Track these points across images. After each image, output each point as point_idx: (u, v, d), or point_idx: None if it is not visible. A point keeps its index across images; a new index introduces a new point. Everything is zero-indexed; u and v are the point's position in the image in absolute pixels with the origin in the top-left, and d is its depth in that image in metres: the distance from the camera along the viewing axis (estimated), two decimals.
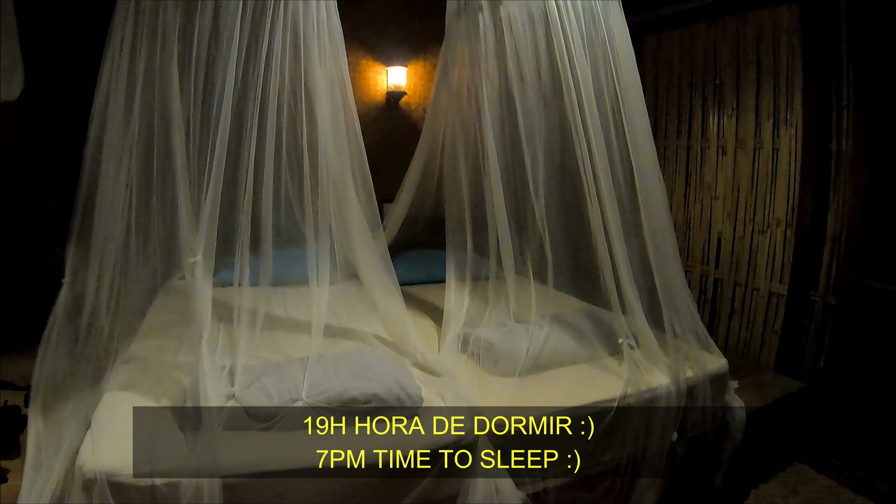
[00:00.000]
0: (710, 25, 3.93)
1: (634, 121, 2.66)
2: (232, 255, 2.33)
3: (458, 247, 3.08)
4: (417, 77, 4.66)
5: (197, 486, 1.68)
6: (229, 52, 2.11)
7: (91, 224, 2.15)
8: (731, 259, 3.84)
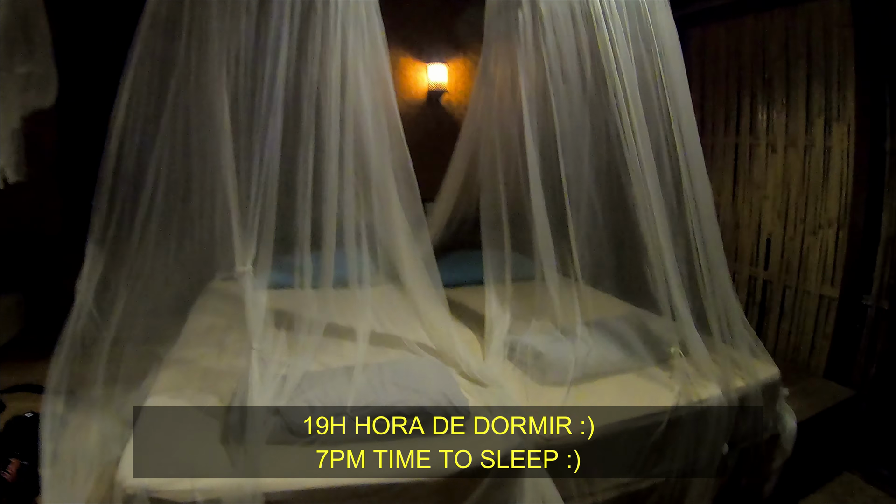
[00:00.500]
0: (758, 18, 3.82)
1: (681, 118, 2.61)
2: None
3: (495, 247, 3.04)
4: (458, 74, 4.61)
5: (239, 501, 1.67)
6: (276, 52, 2.11)
7: (114, 225, 2.18)
8: (780, 260, 3.74)
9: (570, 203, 2.74)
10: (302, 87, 2.26)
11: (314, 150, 2.25)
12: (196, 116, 2.17)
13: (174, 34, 2.11)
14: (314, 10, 2.19)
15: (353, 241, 2.38)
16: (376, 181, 2.39)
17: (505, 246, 3.01)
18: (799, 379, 3.21)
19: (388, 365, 2.30)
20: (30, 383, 2.92)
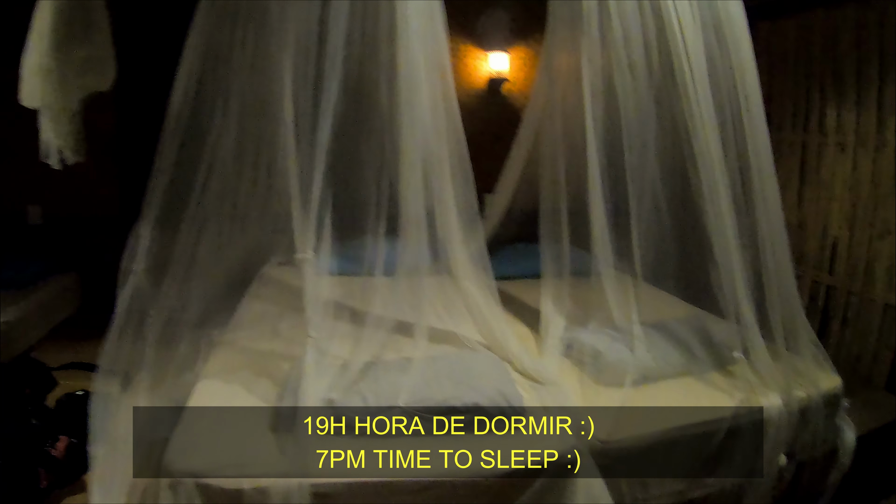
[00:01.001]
0: (829, 11, 3.69)
1: (751, 112, 2.53)
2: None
3: (553, 240, 2.99)
4: (520, 63, 4.53)
5: (286, 492, 1.66)
6: (338, 38, 2.08)
7: (168, 207, 2.21)
8: (846, 266, 3.62)
9: (632, 197, 2.67)
10: (363, 74, 2.27)
11: (377, 137, 2.27)
12: (254, 101, 2.16)
13: (233, 19, 2.12)
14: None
15: (414, 230, 2.33)
16: (432, 170, 2.34)
17: (563, 240, 2.96)
18: (860, 390, 3.08)
19: (443, 359, 2.28)
20: (82, 361, 2.98)
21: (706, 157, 2.41)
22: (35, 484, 2.05)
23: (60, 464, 2.15)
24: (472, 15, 4.36)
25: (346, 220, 2.38)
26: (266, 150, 2.27)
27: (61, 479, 2.14)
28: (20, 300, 3.35)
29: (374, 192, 2.34)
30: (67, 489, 2.13)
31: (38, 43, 2.40)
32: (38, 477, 2.06)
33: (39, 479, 2.06)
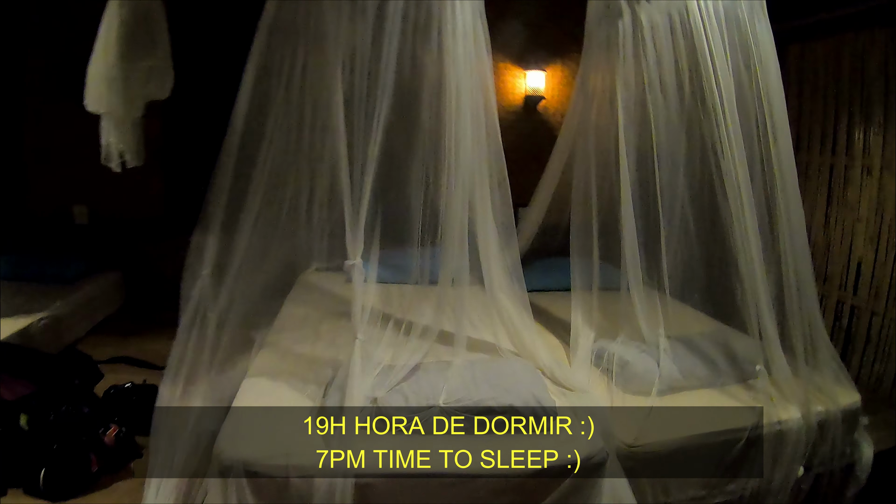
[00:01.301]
0: (858, 36, 3.74)
1: (778, 134, 2.60)
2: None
3: (583, 254, 3.07)
4: (556, 81, 4.65)
5: (331, 484, 1.76)
6: (388, 55, 2.18)
7: (227, 214, 2.28)
8: (870, 286, 3.65)
9: (662, 215, 2.75)
10: (410, 92, 2.37)
11: (421, 151, 2.38)
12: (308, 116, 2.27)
13: (292, 36, 2.21)
14: (425, 14, 2.28)
15: (454, 242, 2.40)
16: (471, 183, 2.43)
17: (593, 254, 3.03)
18: (880, 409, 3.13)
19: (480, 363, 2.36)
20: (127, 356, 3.12)
21: (733, 176, 2.47)
22: (86, 467, 2.14)
23: (110, 450, 2.24)
24: (511, 34, 4.45)
25: (389, 231, 2.47)
26: (316, 162, 2.36)
27: (110, 465, 2.24)
28: (66, 296, 3.48)
29: (417, 204, 2.43)
30: (116, 475, 2.22)
31: (105, 53, 2.56)
32: (89, 461, 2.15)
33: (91, 463, 2.16)
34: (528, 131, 4.59)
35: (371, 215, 2.22)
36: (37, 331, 3.03)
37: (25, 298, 3.33)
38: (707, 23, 2.48)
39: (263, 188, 2.30)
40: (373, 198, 2.19)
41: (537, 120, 4.66)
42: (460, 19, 2.31)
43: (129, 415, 2.44)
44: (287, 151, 2.33)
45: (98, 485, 2.14)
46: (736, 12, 2.54)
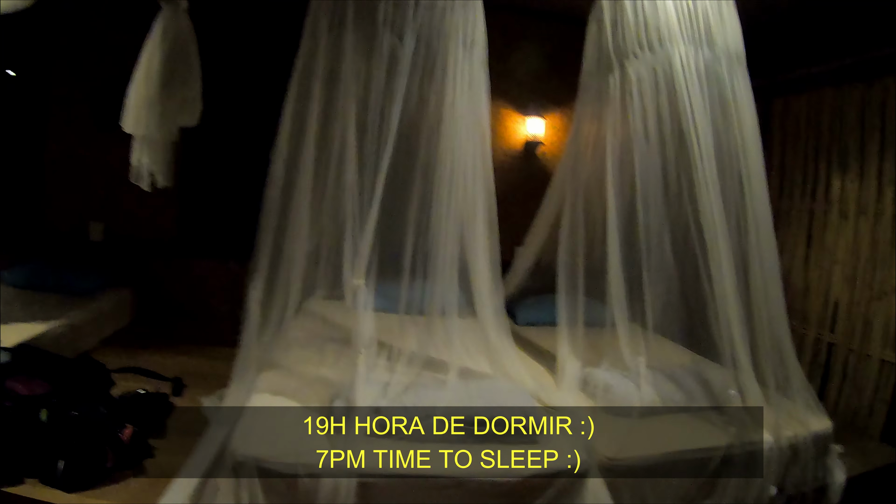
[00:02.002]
0: (837, 90, 3.97)
1: (753, 180, 2.78)
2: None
3: (569, 291, 3.20)
4: (554, 128, 4.87)
5: (336, 483, 1.90)
6: (393, 97, 2.39)
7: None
8: (846, 325, 3.82)
9: (643, 254, 2.93)
10: (413, 131, 2.58)
11: (418, 188, 2.55)
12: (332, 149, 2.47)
13: (325, 79, 2.44)
14: (432, 61, 2.50)
15: (442, 275, 2.58)
16: (466, 224, 2.63)
17: (578, 291, 3.17)
18: (855, 440, 3.28)
19: (474, 381, 2.54)
20: (136, 367, 3.26)
21: (710, 218, 2.65)
22: (103, 462, 2.24)
23: (125, 447, 2.34)
24: (514, 82, 4.73)
25: (384, 262, 2.59)
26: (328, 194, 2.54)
27: (126, 462, 2.33)
28: (81, 306, 3.63)
29: (411, 238, 2.58)
30: (130, 471, 2.32)
31: (146, 81, 2.82)
32: (105, 456, 2.25)
33: (107, 458, 2.25)
34: (526, 175, 4.79)
35: (373, 246, 2.41)
36: (52, 337, 3.16)
37: (41, 307, 3.46)
38: (688, 77, 2.69)
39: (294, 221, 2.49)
40: (375, 228, 2.38)
41: (536, 164, 4.87)
42: (462, 67, 2.52)
43: (142, 419, 2.55)
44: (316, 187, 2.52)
45: (112, 479, 2.23)
46: (715, 67, 2.75)
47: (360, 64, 2.42)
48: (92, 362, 3.06)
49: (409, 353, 2.59)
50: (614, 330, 2.99)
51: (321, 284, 2.84)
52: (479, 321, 2.84)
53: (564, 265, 3.22)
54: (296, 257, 2.48)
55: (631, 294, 3.03)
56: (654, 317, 2.97)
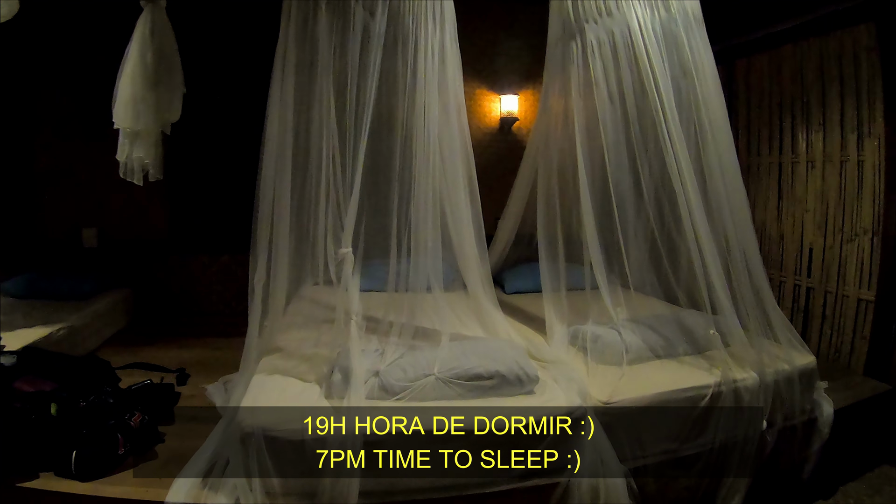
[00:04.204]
0: (796, 47, 4.10)
1: (717, 132, 2.87)
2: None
3: (551, 259, 3.29)
4: (528, 104, 4.98)
5: (341, 441, 1.97)
6: (370, 81, 2.46)
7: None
8: (821, 268, 3.95)
9: (618, 216, 3.03)
10: (391, 116, 2.63)
11: (402, 167, 2.61)
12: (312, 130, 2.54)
13: (303, 61, 2.50)
14: (402, 45, 2.57)
15: (431, 249, 2.66)
16: (448, 200, 2.72)
17: (560, 258, 3.27)
18: (840, 376, 3.43)
19: (470, 341, 2.64)
20: (140, 362, 3.31)
21: (678, 171, 2.76)
22: (114, 449, 2.26)
23: (136, 433, 2.37)
24: (487, 62, 4.86)
25: (369, 242, 2.65)
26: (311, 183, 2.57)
27: (136, 447, 2.36)
28: (81, 310, 3.66)
29: (395, 215, 2.63)
30: (142, 457, 2.36)
31: (133, 78, 2.89)
32: (117, 443, 2.27)
33: (118, 445, 2.28)
34: (504, 150, 4.93)
35: (355, 230, 2.48)
36: (53, 342, 3.19)
37: (41, 313, 3.50)
38: (647, 38, 2.80)
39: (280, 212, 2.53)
40: (357, 207, 2.46)
41: (512, 140, 4.99)
42: (434, 42, 2.60)
43: (150, 407, 2.59)
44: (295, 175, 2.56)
45: (125, 465, 2.26)
46: (672, 28, 2.86)
47: (335, 42, 2.48)
48: (97, 360, 3.10)
49: (400, 324, 2.65)
50: (596, 292, 3.08)
51: (314, 270, 2.90)
52: (469, 291, 2.93)
53: (544, 234, 3.31)
54: (283, 244, 2.52)
55: (609, 255, 3.13)
56: (633, 275, 3.10)
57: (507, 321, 3.01)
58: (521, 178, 3.87)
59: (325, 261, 2.54)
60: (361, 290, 2.66)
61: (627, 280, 3.13)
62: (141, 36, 2.96)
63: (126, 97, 2.93)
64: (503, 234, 4.13)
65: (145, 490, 2.10)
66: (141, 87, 2.94)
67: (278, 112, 2.49)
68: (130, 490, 2.12)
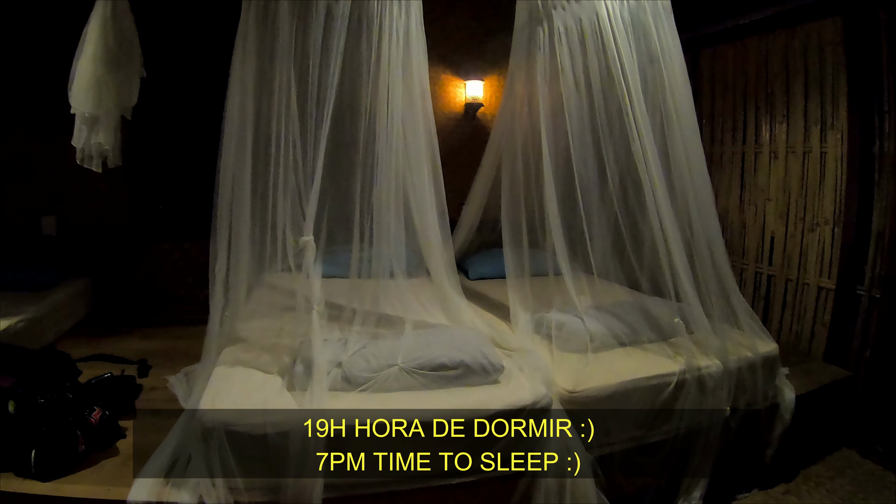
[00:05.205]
0: (762, 38, 4.13)
1: (683, 119, 2.87)
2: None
3: (515, 245, 3.30)
4: (493, 90, 4.98)
5: (304, 436, 1.94)
6: (332, 65, 2.41)
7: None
8: (783, 257, 4.01)
9: (582, 202, 3.04)
10: (355, 101, 2.60)
11: (365, 152, 2.57)
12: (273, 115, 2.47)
13: (265, 45, 2.44)
14: (366, 29, 2.53)
15: (394, 236, 2.64)
16: (414, 184, 2.69)
17: (524, 244, 3.28)
18: (800, 362, 3.49)
19: (434, 330, 2.61)
20: (101, 353, 3.24)
21: (643, 160, 2.77)
22: (74, 447, 2.20)
23: (96, 430, 2.31)
24: (452, 47, 4.83)
25: (332, 228, 2.66)
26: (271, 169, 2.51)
27: (97, 444, 2.31)
28: (39, 301, 3.54)
29: (358, 200, 2.59)
30: (103, 453, 2.30)
31: (93, 62, 2.81)
32: (77, 441, 2.21)
33: (78, 442, 2.22)
34: (469, 136, 4.93)
35: (319, 215, 2.46)
36: (11, 335, 3.08)
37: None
38: (615, 25, 2.79)
39: (239, 198, 2.48)
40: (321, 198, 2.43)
41: (477, 125, 4.99)
42: (398, 24, 2.56)
43: (111, 401, 2.53)
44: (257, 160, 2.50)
45: (86, 463, 2.21)
46: (641, 16, 2.85)
47: (297, 25, 2.42)
48: (56, 353, 3.03)
49: (363, 311, 2.63)
50: (560, 278, 3.09)
51: (276, 257, 2.87)
52: (433, 277, 2.91)
53: (507, 220, 3.31)
54: (244, 231, 2.47)
55: (573, 242, 3.15)
56: (596, 262, 3.12)
57: (471, 308, 3.00)
58: (486, 163, 3.87)
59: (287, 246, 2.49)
60: (325, 276, 2.64)
61: (591, 266, 3.14)
62: (101, 18, 2.87)
63: (86, 81, 2.84)
64: (467, 219, 4.11)
65: (107, 489, 2.05)
66: (103, 70, 2.85)
67: (238, 97, 2.44)
68: (92, 489, 2.06)
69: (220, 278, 2.46)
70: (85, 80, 2.85)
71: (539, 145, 3.11)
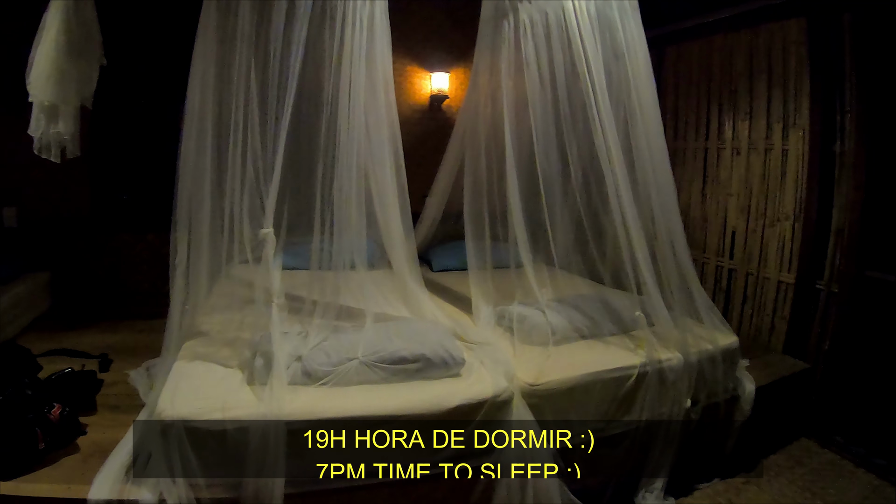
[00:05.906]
0: (726, 37, 4.18)
1: (646, 114, 2.90)
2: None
3: (477, 238, 3.29)
4: (459, 82, 4.98)
5: (264, 430, 1.93)
6: (294, 55, 2.37)
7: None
8: (743, 251, 4.07)
9: (545, 195, 3.05)
10: (318, 88, 2.55)
11: (326, 143, 2.53)
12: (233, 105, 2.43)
13: (226, 34, 2.41)
14: (329, 18, 2.49)
15: (355, 228, 2.60)
16: (376, 175, 2.66)
17: (486, 237, 3.27)
18: (760, 354, 3.56)
19: (395, 323, 2.60)
20: (62, 348, 3.19)
21: (606, 155, 2.78)
22: (34, 445, 2.16)
23: (55, 427, 2.26)
24: (418, 39, 4.83)
25: (293, 219, 2.58)
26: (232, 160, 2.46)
27: (57, 441, 2.26)
28: None
29: (319, 191, 2.54)
30: (62, 451, 2.25)
31: (54, 50, 2.73)
32: (36, 438, 2.16)
33: (38, 440, 2.17)
34: (433, 128, 4.94)
35: (278, 207, 2.41)
36: None
37: None
38: (580, 20, 2.79)
39: (196, 191, 2.45)
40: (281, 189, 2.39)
41: (442, 118, 5.00)
42: (363, 14, 2.52)
43: (71, 397, 2.48)
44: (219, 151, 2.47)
45: (46, 461, 2.17)
46: (607, 12, 2.86)
47: (258, 13, 2.39)
48: (16, 347, 2.94)
49: (323, 304, 2.60)
50: (522, 271, 3.11)
51: (237, 249, 2.85)
52: (394, 269, 2.88)
53: (470, 212, 3.31)
54: (205, 223, 2.44)
55: (535, 234, 3.15)
56: (558, 254, 3.13)
57: (432, 301, 2.98)
58: (449, 155, 3.86)
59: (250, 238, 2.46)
60: (285, 268, 2.63)
61: (553, 259, 3.15)
62: (61, 4, 2.78)
63: (45, 69, 2.74)
64: (430, 211, 4.12)
65: (67, 487, 2.01)
66: (63, 58, 2.77)
67: (199, 86, 2.39)
68: (52, 488, 2.02)
69: (180, 271, 2.43)
70: (44, 68, 2.76)
71: (502, 138, 3.11)
